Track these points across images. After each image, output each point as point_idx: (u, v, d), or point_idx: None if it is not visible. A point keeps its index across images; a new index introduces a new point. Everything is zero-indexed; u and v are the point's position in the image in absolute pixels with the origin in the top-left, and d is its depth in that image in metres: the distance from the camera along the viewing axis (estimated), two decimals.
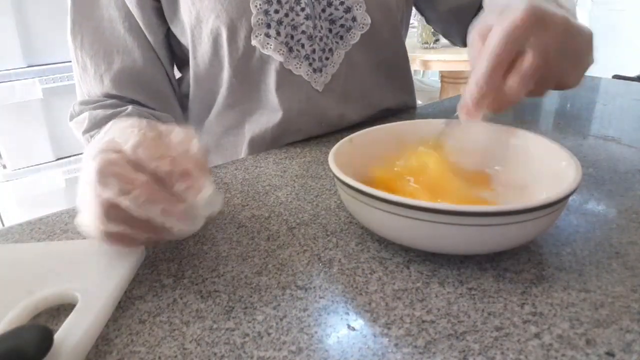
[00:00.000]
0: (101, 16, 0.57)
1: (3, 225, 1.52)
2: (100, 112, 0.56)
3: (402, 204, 0.31)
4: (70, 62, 0.61)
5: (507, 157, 0.42)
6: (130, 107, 0.57)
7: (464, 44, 0.80)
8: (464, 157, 0.42)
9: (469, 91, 0.37)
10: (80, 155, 1.53)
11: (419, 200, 0.31)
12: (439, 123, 0.44)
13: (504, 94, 0.37)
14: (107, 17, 0.57)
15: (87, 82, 0.59)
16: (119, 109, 0.57)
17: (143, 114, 0.57)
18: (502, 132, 0.42)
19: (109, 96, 0.59)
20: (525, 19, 0.35)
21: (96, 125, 0.57)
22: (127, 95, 0.59)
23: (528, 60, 0.36)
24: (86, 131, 0.57)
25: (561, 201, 0.31)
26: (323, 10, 0.59)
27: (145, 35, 0.59)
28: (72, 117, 0.60)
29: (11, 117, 1.39)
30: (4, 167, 1.45)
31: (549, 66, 0.37)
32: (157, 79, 0.61)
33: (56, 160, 1.50)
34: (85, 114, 0.57)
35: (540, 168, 0.39)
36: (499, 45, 0.36)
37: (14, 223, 0.44)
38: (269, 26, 0.56)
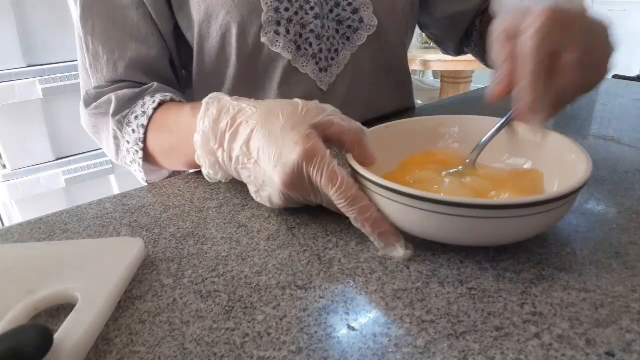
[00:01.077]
0: (113, 2, 0.55)
1: (3, 225, 1.52)
2: (128, 92, 0.55)
3: (416, 196, 0.31)
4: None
5: (520, 151, 0.43)
6: (155, 84, 0.56)
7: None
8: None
9: (523, 99, 0.36)
10: (79, 156, 1.53)
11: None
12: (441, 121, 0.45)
13: (554, 97, 0.36)
14: (119, 4, 0.55)
15: (99, 69, 0.57)
16: (144, 87, 0.56)
17: (169, 90, 0.57)
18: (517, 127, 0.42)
19: (122, 82, 0.57)
20: (549, 20, 0.34)
21: (125, 105, 0.55)
22: (141, 81, 0.58)
23: (567, 57, 0.35)
24: (116, 113, 0.55)
25: (573, 194, 0.31)
26: (331, 11, 0.59)
27: (157, 25, 0.57)
28: (88, 103, 0.58)
29: (11, 117, 1.39)
30: (4, 167, 1.45)
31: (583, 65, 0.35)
32: (168, 69, 0.61)
33: (56, 160, 1.50)
34: (110, 96, 0.55)
35: (552, 161, 0.40)
36: (536, 48, 0.34)
37: (14, 223, 0.44)
38: (278, 24, 0.56)
